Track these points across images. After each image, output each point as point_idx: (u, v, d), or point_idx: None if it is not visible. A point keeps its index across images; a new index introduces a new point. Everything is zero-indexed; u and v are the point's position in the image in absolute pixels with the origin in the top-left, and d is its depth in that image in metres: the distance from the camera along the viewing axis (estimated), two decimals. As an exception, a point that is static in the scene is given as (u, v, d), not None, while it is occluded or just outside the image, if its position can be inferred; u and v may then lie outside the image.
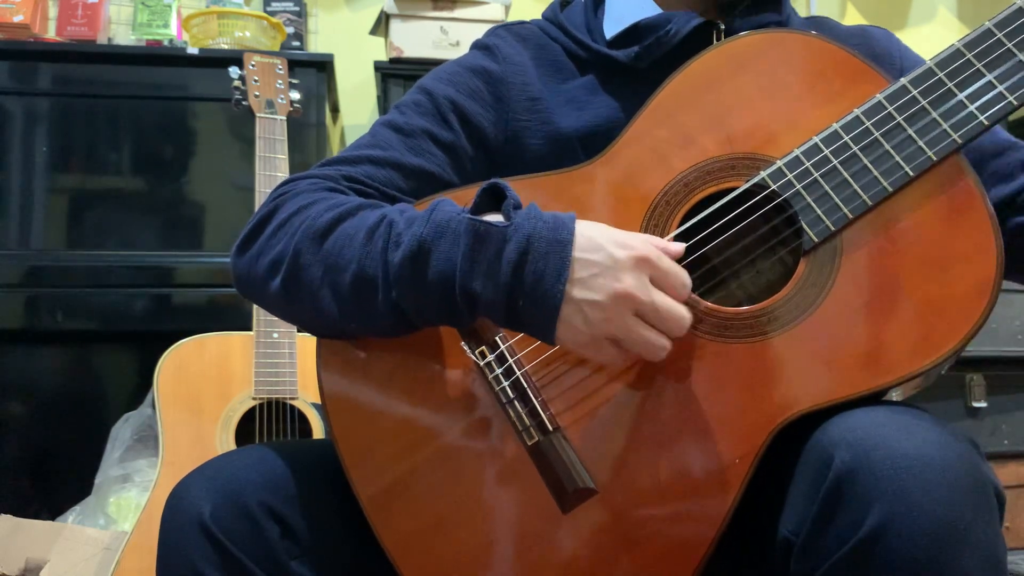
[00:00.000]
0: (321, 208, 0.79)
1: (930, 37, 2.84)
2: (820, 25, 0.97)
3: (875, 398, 0.70)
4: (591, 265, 0.70)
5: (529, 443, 0.74)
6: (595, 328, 0.70)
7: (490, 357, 0.75)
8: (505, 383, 0.75)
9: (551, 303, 0.69)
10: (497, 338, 0.76)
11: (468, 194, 0.76)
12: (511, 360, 0.75)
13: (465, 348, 0.76)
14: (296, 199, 0.81)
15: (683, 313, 0.71)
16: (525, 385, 0.74)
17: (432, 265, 0.71)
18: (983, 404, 2.14)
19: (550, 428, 0.73)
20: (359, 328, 0.77)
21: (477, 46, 0.97)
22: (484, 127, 0.91)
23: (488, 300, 0.71)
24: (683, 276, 0.72)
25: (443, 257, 0.71)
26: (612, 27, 0.94)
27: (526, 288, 0.70)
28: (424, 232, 0.72)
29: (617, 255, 0.70)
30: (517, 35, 0.96)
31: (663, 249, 0.72)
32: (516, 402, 0.74)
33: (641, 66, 0.90)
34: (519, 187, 0.77)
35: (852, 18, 2.81)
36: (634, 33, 0.92)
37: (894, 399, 0.74)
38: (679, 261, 0.73)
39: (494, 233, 0.70)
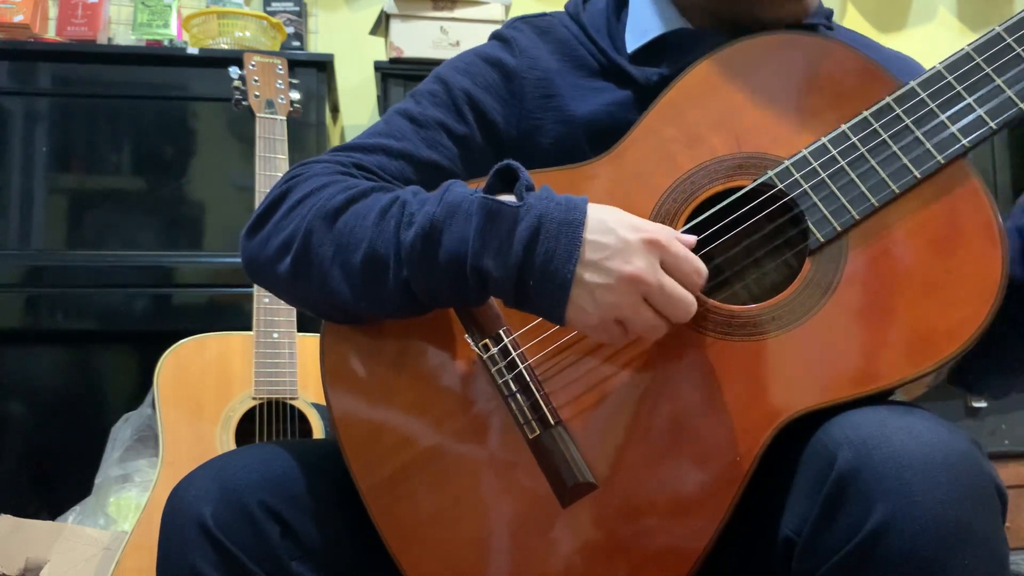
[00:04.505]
0: (334, 190, 0.79)
1: (930, 37, 2.84)
2: (863, 45, 0.94)
3: (878, 399, 0.70)
4: (602, 247, 0.70)
5: (530, 436, 0.74)
6: (604, 310, 0.70)
7: (493, 350, 0.75)
8: (508, 376, 0.75)
9: (561, 284, 0.69)
10: (501, 331, 0.76)
11: (481, 183, 0.76)
12: (514, 353, 0.75)
13: (468, 341, 0.76)
14: (309, 182, 0.81)
15: (689, 299, 0.70)
16: (528, 379, 0.74)
17: (444, 243, 0.71)
18: (983, 404, 2.14)
19: (552, 422, 0.74)
20: (368, 308, 0.77)
21: (496, 36, 0.95)
22: (498, 122, 0.90)
23: (498, 279, 0.70)
24: (697, 263, 0.71)
25: (455, 236, 0.71)
26: (634, 38, 0.91)
27: (536, 268, 0.69)
28: (437, 211, 0.72)
29: (628, 238, 0.70)
30: (537, 28, 0.94)
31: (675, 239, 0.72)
32: (518, 395, 0.74)
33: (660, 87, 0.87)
34: None
35: (852, 18, 2.81)
36: (657, 47, 0.89)
37: (898, 399, 0.74)
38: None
39: (506, 212, 0.70)
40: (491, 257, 0.70)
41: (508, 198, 0.72)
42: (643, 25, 0.91)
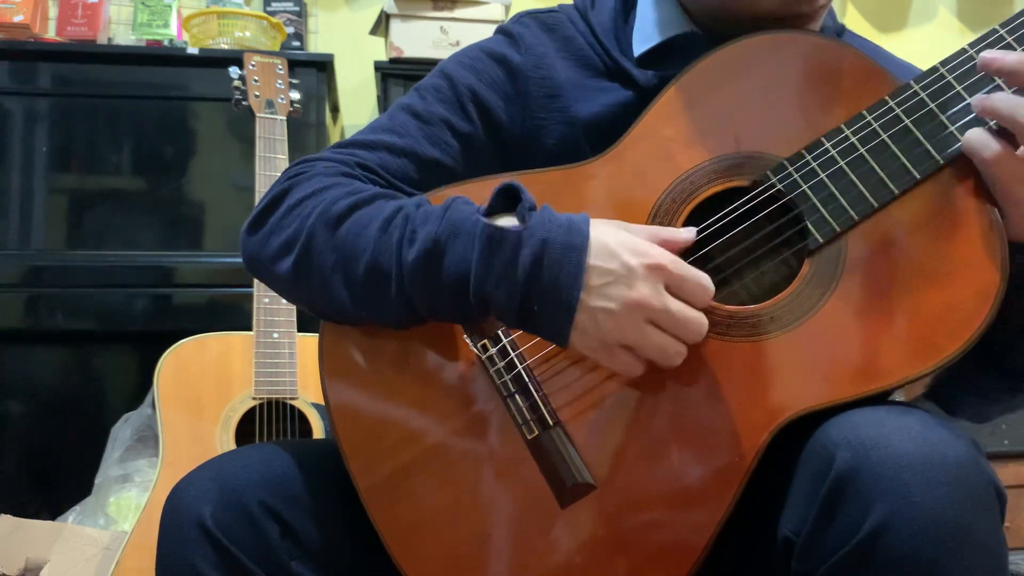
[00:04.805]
0: (337, 193, 0.78)
1: (930, 37, 2.84)
2: (872, 52, 0.92)
3: (877, 399, 0.70)
4: (605, 273, 0.70)
5: (529, 437, 0.74)
6: (608, 335, 0.70)
7: (492, 350, 0.75)
8: (507, 376, 0.75)
9: (566, 310, 0.69)
10: (500, 332, 0.76)
11: (484, 189, 0.76)
12: (513, 354, 0.75)
13: (468, 341, 0.76)
14: (311, 181, 0.81)
15: (699, 319, 0.70)
16: (527, 379, 0.75)
17: (446, 266, 0.71)
18: (983, 404, 2.14)
19: (550, 423, 0.74)
20: (368, 317, 0.77)
21: (502, 31, 0.94)
22: (502, 120, 0.89)
23: (502, 304, 0.71)
24: (702, 280, 0.71)
25: (457, 258, 0.71)
26: (641, 42, 0.90)
27: (541, 294, 0.69)
28: (439, 231, 0.72)
29: (631, 263, 0.69)
30: (543, 24, 0.93)
31: (671, 239, 0.72)
32: (517, 396, 0.74)
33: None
34: (526, 181, 0.76)
35: (852, 18, 2.80)
36: (663, 51, 0.88)
37: (897, 399, 0.74)
38: (687, 256, 0.73)
39: (509, 237, 0.70)
40: (494, 283, 0.70)
41: (510, 220, 0.72)
42: (649, 28, 0.90)
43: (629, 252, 0.70)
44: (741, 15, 0.82)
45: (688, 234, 0.74)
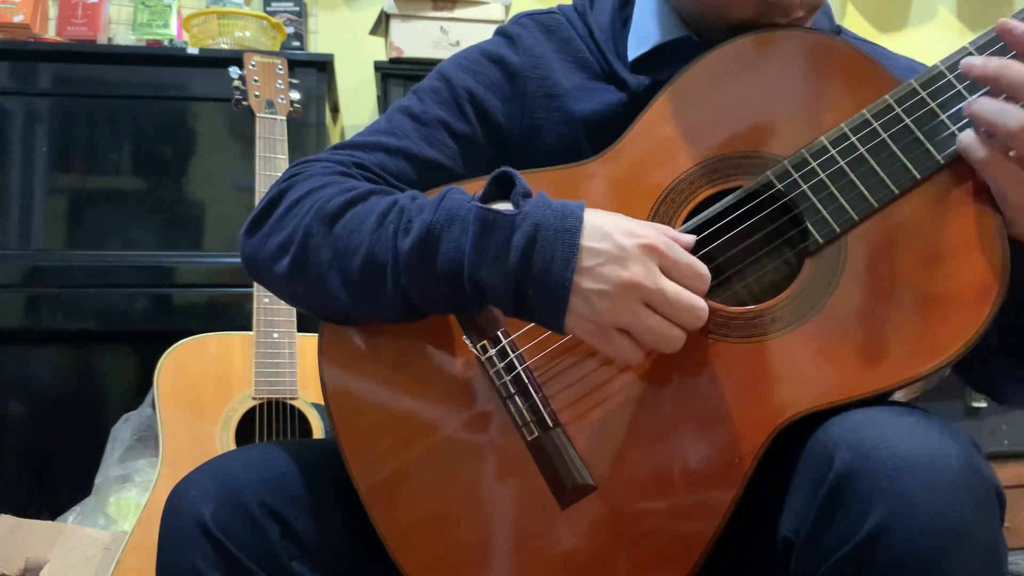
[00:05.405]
0: (332, 191, 0.78)
1: (930, 37, 2.84)
2: (876, 53, 0.92)
3: (877, 399, 0.70)
4: (598, 254, 0.69)
5: (529, 438, 0.74)
6: (602, 317, 0.69)
7: (492, 351, 0.75)
8: (506, 378, 0.75)
9: (559, 292, 0.69)
10: (499, 332, 0.76)
11: (478, 184, 0.76)
12: (513, 355, 0.75)
13: (467, 342, 0.76)
14: (307, 181, 0.81)
15: (696, 302, 0.70)
16: (527, 380, 0.75)
17: (441, 253, 0.71)
18: (983, 404, 2.14)
19: (550, 424, 0.74)
20: (366, 313, 0.77)
21: (500, 33, 0.94)
22: (500, 121, 0.90)
23: (496, 289, 0.70)
24: (697, 266, 0.71)
25: (452, 245, 0.71)
26: (636, 46, 0.90)
27: (534, 277, 0.69)
28: (433, 219, 0.72)
29: (624, 243, 0.69)
30: (542, 25, 0.93)
31: (673, 239, 0.72)
32: (517, 397, 0.74)
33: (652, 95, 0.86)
34: (526, 180, 0.77)
35: (852, 18, 2.80)
36: (657, 56, 0.88)
37: (897, 399, 0.74)
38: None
39: (502, 221, 0.70)
40: (488, 267, 0.70)
41: (505, 206, 0.72)
42: (644, 32, 0.90)
43: (622, 233, 0.70)
44: (717, 23, 0.83)
45: (688, 239, 0.74)
